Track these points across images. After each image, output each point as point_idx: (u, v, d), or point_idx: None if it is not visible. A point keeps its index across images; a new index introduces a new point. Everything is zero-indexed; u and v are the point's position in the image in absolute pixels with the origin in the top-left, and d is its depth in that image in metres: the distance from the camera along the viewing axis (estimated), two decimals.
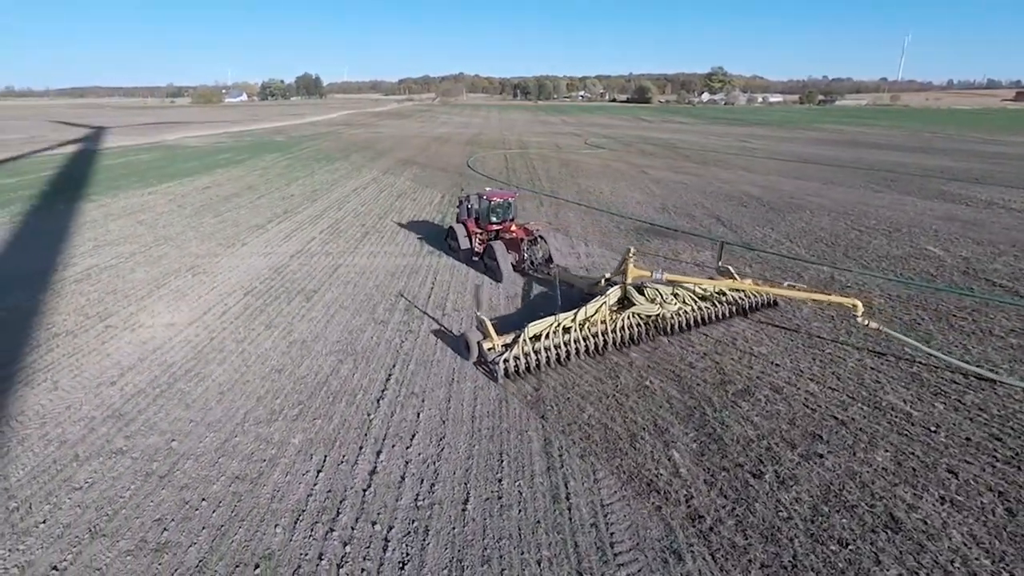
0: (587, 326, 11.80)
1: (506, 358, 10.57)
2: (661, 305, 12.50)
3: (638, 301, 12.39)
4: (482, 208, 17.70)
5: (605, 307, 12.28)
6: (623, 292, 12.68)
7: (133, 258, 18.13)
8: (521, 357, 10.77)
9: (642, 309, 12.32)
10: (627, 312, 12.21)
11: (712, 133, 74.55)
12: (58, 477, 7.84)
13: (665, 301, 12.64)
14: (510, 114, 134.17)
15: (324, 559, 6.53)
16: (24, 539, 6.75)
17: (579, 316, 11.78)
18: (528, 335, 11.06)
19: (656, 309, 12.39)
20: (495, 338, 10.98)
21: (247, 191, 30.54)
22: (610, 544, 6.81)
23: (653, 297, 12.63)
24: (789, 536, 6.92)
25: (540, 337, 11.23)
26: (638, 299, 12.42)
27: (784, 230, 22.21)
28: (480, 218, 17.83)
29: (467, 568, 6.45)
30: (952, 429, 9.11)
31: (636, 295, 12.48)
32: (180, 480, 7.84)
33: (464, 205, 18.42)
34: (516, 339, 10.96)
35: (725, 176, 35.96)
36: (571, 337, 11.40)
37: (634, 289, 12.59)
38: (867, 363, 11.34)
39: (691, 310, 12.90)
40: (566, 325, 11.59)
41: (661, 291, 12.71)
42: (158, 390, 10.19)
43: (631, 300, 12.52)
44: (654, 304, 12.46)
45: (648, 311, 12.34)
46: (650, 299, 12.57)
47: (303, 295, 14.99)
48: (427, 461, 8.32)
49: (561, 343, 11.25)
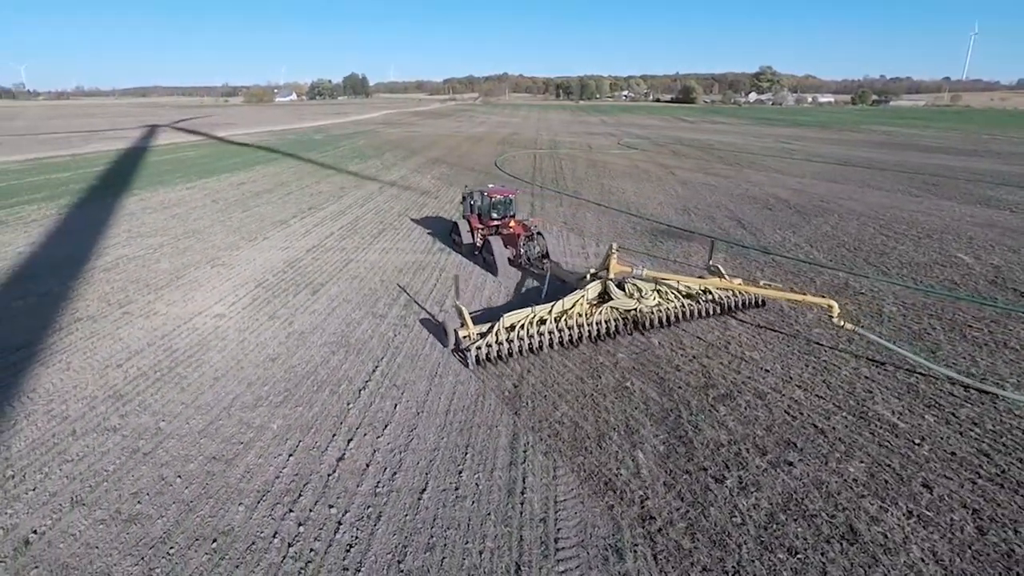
0: (563, 318, 12.04)
1: (478, 345, 10.99)
2: (639, 300, 12.59)
3: (616, 296, 12.55)
4: (484, 204, 18.10)
5: (584, 301, 12.49)
6: (603, 287, 12.82)
7: (160, 249, 19.11)
8: (494, 345, 11.13)
9: (619, 304, 12.46)
10: (605, 306, 12.38)
11: (752, 134, 72.61)
12: (53, 450, 8.44)
13: (643, 297, 12.70)
14: (549, 114, 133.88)
15: (277, 537, 6.85)
16: (13, 504, 7.32)
17: (555, 308, 12.06)
18: (504, 325, 11.40)
19: (633, 304, 12.50)
20: (471, 326, 11.42)
21: (278, 188, 31.59)
22: (555, 539, 6.88)
23: (632, 292, 12.72)
24: (738, 542, 6.83)
25: (515, 327, 11.55)
26: (616, 294, 12.58)
27: (806, 234, 21.56)
28: (482, 214, 18.21)
29: (410, 554, 6.64)
30: (938, 443, 8.76)
31: (615, 290, 12.63)
32: (162, 458, 8.32)
33: (468, 201, 18.77)
34: (491, 328, 11.34)
35: (756, 178, 35.07)
36: (546, 328, 11.69)
37: (614, 284, 12.73)
38: (862, 372, 10.98)
39: (673, 307, 12.96)
40: (542, 317, 11.91)
41: (641, 287, 12.79)
42: (158, 374, 10.79)
43: (610, 295, 12.66)
44: (631, 299, 12.56)
45: (625, 306, 12.47)
46: (629, 294, 12.67)
47: (310, 288, 15.51)
48: (394, 451, 8.56)
49: (535, 334, 11.54)
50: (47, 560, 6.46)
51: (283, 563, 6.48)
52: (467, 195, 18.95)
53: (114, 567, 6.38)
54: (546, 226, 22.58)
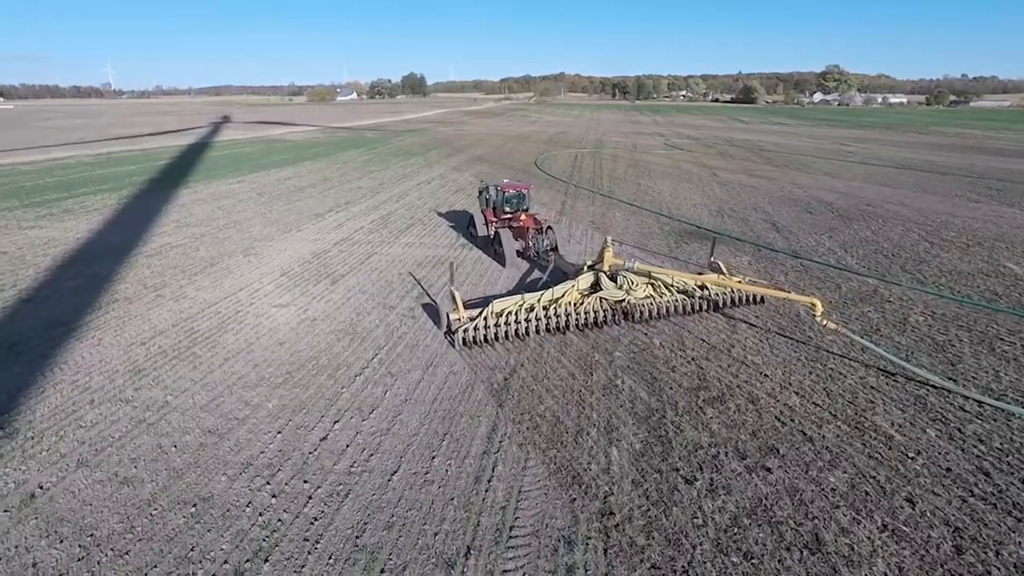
0: (553, 306, 12.44)
1: (466, 328, 11.57)
2: (628, 292, 12.82)
3: (605, 286, 12.87)
4: (497, 198, 18.72)
5: (575, 290, 12.85)
6: (595, 277, 13.15)
7: (202, 238, 20.29)
8: (481, 329, 11.65)
9: (608, 294, 12.74)
10: (594, 296, 12.75)
11: (810, 135, 69.70)
12: (71, 416, 9.22)
13: (632, 289, 12.92)
14: (602, 113, 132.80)
15: (250, 507, 7.28)
16: (27, 462, 8.07)
17: (545, 297, 12.51)
18: (493, 310, 11.93)
19: (622, 295, 12.75)
20: (462, 311, 11.96)
21: (321, 183, 32.82)
22: (510, 527, 7.01)
23: (622, 284, 12.98)
24: (694, 543, 6.77)
25: (503, 313, 12.07)
26: (606, 284, 12.90)
27: (843, 239, 20.66)
28: (496, 207, 18.78)
29: (368, 530, 6.93)
30: (934, 457, 8.34)
31: (605, 281, 12.96)
32: (163, 428, 8.95)
33: (483, 195, 19.37)
34: (480, 313, 11.90)
35: (803, 180, 33.75)
36: (534, 315, 12.15)
37: (606, 276, 13.05)
38: (869, 382, 10.53)
39: (666, 300, 13.15)
40: (531, 304, 12.37)
41: (633, 279, 13.04)
42: (176, 352, 11.55)
43: (600, 285, 13.03)
44: (620, 291, 12.83)
45: (614, 296, 12.74)
46: (619, 286, 12.96)
47: (330, 279, 16.14)
48: (375, 434, 8.89)
49: (523, 320, 12.00)
50: (46, 513, 7.12)
51: (250, 530, 6.89)
52: (482, 189, 19.57)
53: (101, 523, 6.96)
54: (573, 224, 22.64)
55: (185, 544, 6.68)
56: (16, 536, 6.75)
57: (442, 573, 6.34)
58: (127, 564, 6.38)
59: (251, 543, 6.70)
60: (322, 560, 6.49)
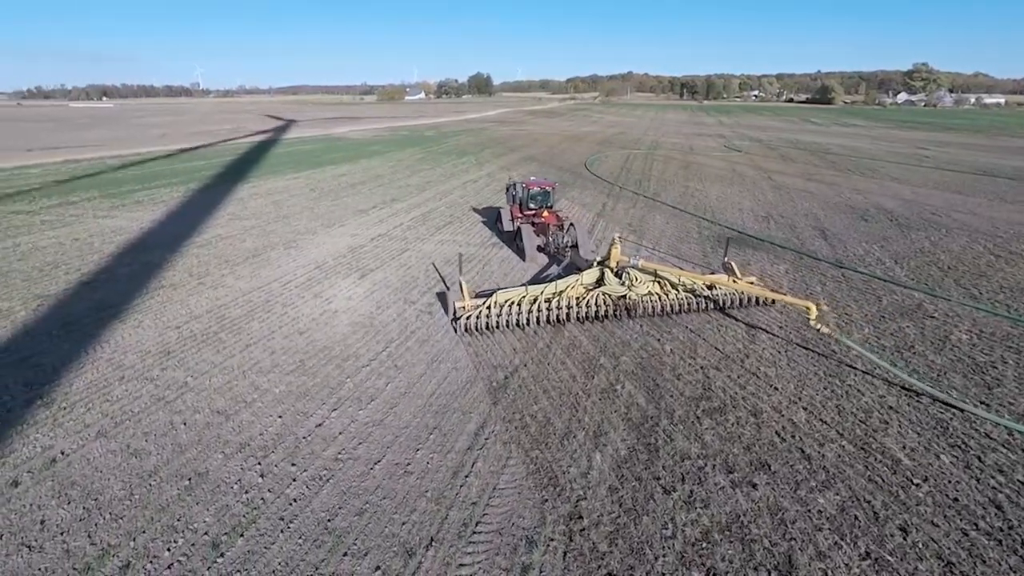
0: (555, 299, 12.88)
1: (468, 315, 12.23)
2: (629, 288, 13.06)
3: (608, 281, 13.18)
4: (523, 195, 19.37)
5: (579, 284, 13.27)
6: (600, 273, 13.42)
7: (251, 231, 21.47)
8: (483, 317, 12.33)
9: (610, 290, 13.04)
10: (597, 291, 13.06)
11: (885, 138, 65.51)
12: (101, 391, 10.06)
13: (634, 285, 13.15)
14: (666, 114, 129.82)
15: (238, 484, 7.73)
16: (55, 430, 8.89)
17: (548, 289, 12.96)
18: (497, 300, 12.51)
19: (623, 291, 13.02)
20: (467, 299, 12.62)
21: (373, 180, 33.89)
22: (476, 523, 7.11)
23: (625, 280, 13.26)
24: (658, 554, 6.64)
25: (507, 303, 12.61)
26: (610, 280, 13.20)
27: (897, 249, 19.40)
28: (522, 203, 19.42)
29: (341, 515, 7.22)
30: (942, 486, 7.78)
31: (609, 276, 13.25)
32: (178, 407, 9.62)
33: (510, 192, 20.01)
34: (484, 302, 12.52)
35: (864, 186, 31.84)
36: (535, 306, 12.62)
37: (611, 271, 13.30)
38: (889, 402, 9.91)
39: (672, 297, 13.36)
40: (535, 295, 12.82)
41: (637, 276, 13.31)
42: (205, 337, 12.34)
43: (603, 280, 13.34)
44: (622, 287, 13.08)
45: (616, 292, 13.01)
46: (622, 282, 13.24)
47: (360, 272, 16.73)
48: (368, 424, 9.20)
49: (524, 311, 12.47)
50: (61, 476, 7.83)
51: (234, 506, 7.33)
52: (510, 186, 20.11)
53: (106, 489, 7.60)
54: (609, 227, 22.38)
55: (174, 514, 7.18)
56: (32, 495, 7.47)
57: (400, 561, 6.52)
58: (119, 528, 6.94)
59: (232, 518, 7.13)
60: (292, 539, 6.82)
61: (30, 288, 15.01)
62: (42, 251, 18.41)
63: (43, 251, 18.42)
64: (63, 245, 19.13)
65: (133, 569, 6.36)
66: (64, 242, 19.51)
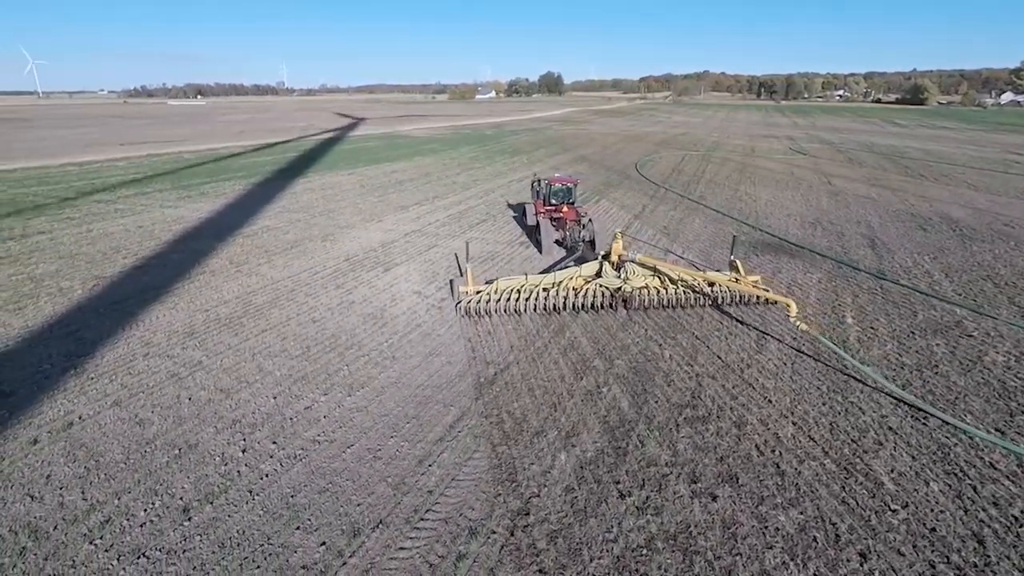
0: (554, 289, 13.55)
1: (470, 299, 13.04)
2: (624, 280, 13.55)
3: (605, 274, 13.75)
4: (546, 190, 20.14)
5: (579, 276, 13.92)
6: (600, 265, 13.99)
7: (295, 224, 22.69)
8: (483, 302, 13.16)
9: (606, 282, 13.67)
10: (595, 282, 13.69)
11: (976, 142, 60.30)
12: (125, 365, 11.07)
13: (628, 278, 13.61)
14: (738, 114, 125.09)
15: (220, 456, 8.36)
16: (80, 396, 9.90)
17: (547, 280, 13.64)
18: (498, 287, 13.37)
19: (618, 283, 13.54)
20: (470, 285, 13.48)
21: (421, 177, 34.82)
22: (426, 510, 7.37)
23: (621, 273, 13.69)
24: (594, 556, 6.65)
25: (507, 290, 13.39)
26: (608, 272, 13.78)
27: (951, 261, 18.01)
28: (545, 199, 20.14)
29: (304, 492, 7.66)
30: (921, 514, 7.30)
31: (607, 269, 13.82)
32: (188, 383, 10.45)
33: (535, 187, 20.88)
34: (487, 288, 13.40)
35: (934, 193, 29.59)
36: (533, 295, 13.26)
37: (610, 265, 13.86)
38: (889, 422, 9.34)
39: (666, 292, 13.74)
40: (533, 284, 13.55)
41: (636, 270, 13.72)
42: (228, 320, 13.26)
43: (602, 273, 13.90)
44: (618, 279, 13.61)
45: (612, 284, 13.58)
46: (619, 275, 13.67)
47: (384, 266, 17.36)
48: (352, 410, 9.65)
49: (522, 298, 13.32)
50: (74, 438, 8.74)
51: (211, 476, 7.94)
52: (535, 182, 20.62)
53: (107, 451, 8.42)
54: (643, 229, 22.06)
55: (158, 479, 7.88)
56: (46, 453, 8.39)
57: (345, 540, 6.88)
58: (109, 487, 7.69)
59: (207, 487, 7.74)
60: (254, 511, 7.33)
61: (91, 270, 16.61)
62: (110, 237, 20.27)
63: (110, 237, 20.27)
64: (129, 232, 20.96)
65: (111, 524, 7.05)
66: (130, 229, 21.37)
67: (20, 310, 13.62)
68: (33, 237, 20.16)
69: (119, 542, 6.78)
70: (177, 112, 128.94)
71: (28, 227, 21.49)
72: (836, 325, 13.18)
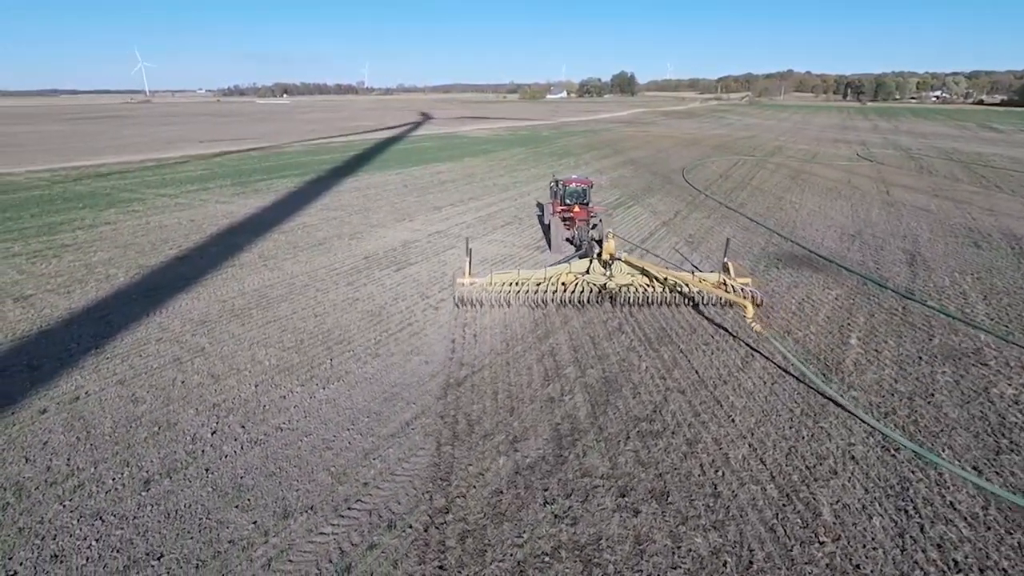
0: (544, 283, 14.38)
1: (466, 288, 14.28)
2: (609, 278, 14.36)
3: (593, 271, 14.56)
4: (561, 192, 20.76)
5: (569, 272, 14.86)
6: (590, 263, 14.79)
7: (329, 222, 23.90)
8: (476, 293, 14.26)
9: (592, 278, 14.47)
10: (583, 278, 14.38)
11: None
12: (138, 348, 12.24)
13: (612, 276, 14.41)
14: (815, 117, 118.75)
15: (191, 437, 9.17)
16: (93, 374, 11.08)
17: (537, 275, 14.53)
18: (492, 280, 14.32)
19: (603, 280, 14.36)
20: (467, 277, 14.40)
21: (464, 178, 35.59)
22: (356, 500, 7.81)
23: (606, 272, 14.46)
24: (496, 558, 6.86)
25: (499, 283, 14.27)
26: (595, 269, 14.56)
27: (996, 283, 16.63)
28: (560, 199, 20.72)
29: (252, 474, 8.30)
30: (851, 551, 7.01)
31: (596, 266, 14.58)
32: (186, 368, 11.45)
33: (552, 188, 21.56)
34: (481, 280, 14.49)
35: (1004, 206, 27.18)
36: (523, 288, 14.38)
37: (599, 262, 14.58)
38: (855, 452, 8.92)
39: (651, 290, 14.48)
40: (525, 278, 14.42)
41: (623, 268, 14.58)
42: (240, 311, 14.31)
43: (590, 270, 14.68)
44: (603, 276, 14.40)
45: (597, 281, 14.40)
46: (605, 272, 14.46)
47: (398, 266, 18.08)
48: (323, 401, 10.28)
49: (512, 290, 14.30)
50: (77, 410, 9.84)
51: (177, 453, 8.75)
52: (552, 183, 21.68)
53: (99, 425, 9.43)
54: (669, 237, 21.73)
55: (133, 452, 8.77)
56: (50, 422, 9.51)
57: (274, 521, 7.43)
58: (90, 457, 8.64)
59: (171, 462, 8.54)
60: (205, 487, 8.04)
61: (137, 259, 18.31)
62: (163, 229, 22.18)
63: (164, 229, 22.18)
64: (180, 225, 22.84)
65: (82, 488, 7.96)
66: (182, 222, 23.28)
67: (69, 294, 15.28)
68: (100, 227, 22.38)
69: (83, 505, 7.66)
70: (261, 110, 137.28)
71: (98, 218, 23.86)
72: (837, 346, 12.58)
